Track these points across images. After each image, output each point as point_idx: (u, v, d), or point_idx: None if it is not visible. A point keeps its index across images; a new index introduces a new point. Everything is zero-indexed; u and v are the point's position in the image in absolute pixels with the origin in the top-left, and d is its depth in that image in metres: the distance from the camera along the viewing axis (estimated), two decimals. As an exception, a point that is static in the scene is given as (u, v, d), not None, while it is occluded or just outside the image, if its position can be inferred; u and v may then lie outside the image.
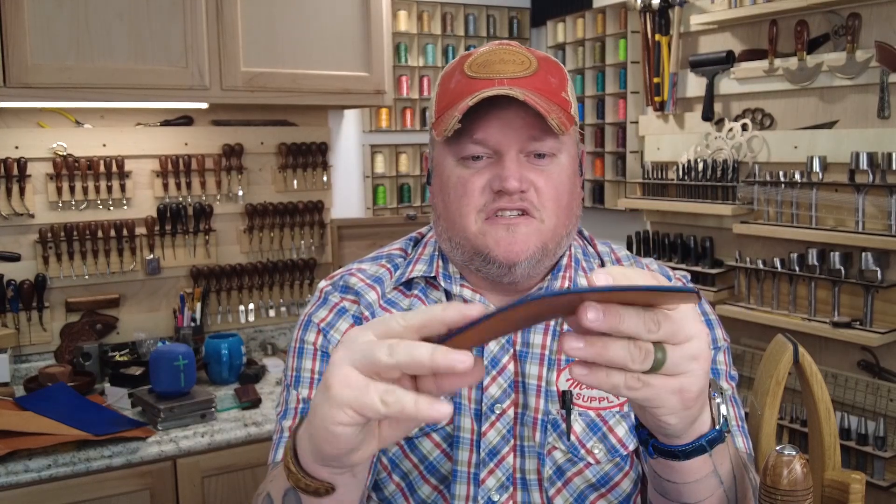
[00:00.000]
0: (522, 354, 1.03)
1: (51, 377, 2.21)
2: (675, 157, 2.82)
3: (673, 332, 0.62)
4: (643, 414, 0.70)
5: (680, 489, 0.78)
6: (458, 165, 0.99)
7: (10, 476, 1.82)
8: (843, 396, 2.32)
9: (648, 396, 0.64)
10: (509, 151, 0.96)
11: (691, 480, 0.77)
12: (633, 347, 0.61)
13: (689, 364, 0.64)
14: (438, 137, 0.98)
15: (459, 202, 0.99)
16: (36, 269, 2.45)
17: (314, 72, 2.48)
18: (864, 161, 2.21)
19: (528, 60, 0.99)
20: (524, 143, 0.96)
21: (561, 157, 0.99)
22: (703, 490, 0.78)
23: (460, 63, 1.01)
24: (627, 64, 3.00)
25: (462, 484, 1.01)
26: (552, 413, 1.01)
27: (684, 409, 0.66)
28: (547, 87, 0.98)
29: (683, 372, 0.64)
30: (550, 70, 1.00)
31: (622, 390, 0.63)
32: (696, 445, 0.73)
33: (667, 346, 0.63)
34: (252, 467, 2.10)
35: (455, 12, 3.24)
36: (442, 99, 1.01)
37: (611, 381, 0.62)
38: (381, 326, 0.64)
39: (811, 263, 2.37)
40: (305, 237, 2.87)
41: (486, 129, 0.96)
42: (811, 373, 1.33)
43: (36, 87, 2.10)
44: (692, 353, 0.64)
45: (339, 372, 0.63)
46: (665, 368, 0.63)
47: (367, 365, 0.62)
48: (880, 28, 2.23)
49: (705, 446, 0.73)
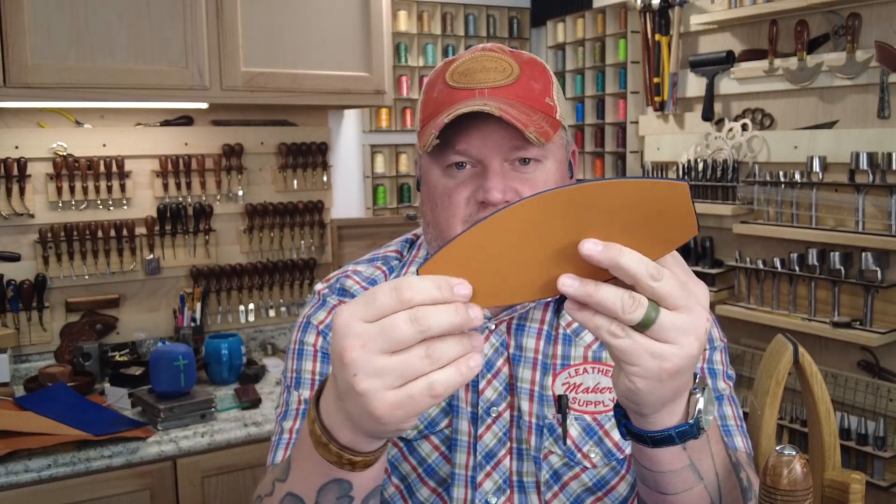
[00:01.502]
0: (515, 358, 1.03)
1: (51, 377, 2.21)
2: (675, 157, 2.82)
3: (674, 292, 0.62)
4: (618, 377, 0.69)
5: (656, 478, 0.78)
6: (444, 175, 0.99)
7: (10, 476, 1.82)
8: (843, 396, 2.32)
9: (626, 349, 0.63)
10: (492, 162, 0.96)
11: (666, 470, 0.77)
12: (626, 296, 0.61)
13: (680, 337, 0.64)
14: (420, 151, 0.98)
15: (446, 212, 0.99)
16: (36, 269, 2.45)
17: (314, 72, 2.48)
18: (864, 161, 2.21)
19: (511, 67, 0.98)
20: (507, 152, 0.96)
21: (546, 162, 0.99)
22: (679, 482, 0.78)
23: (443, 70, 1.01)
24: (627, 64, 3.00)
25: (460, 487, 1.02)
26: (548, 417, 1.01)
27: (657, 380, 0.65)
28: (528, 95, 0.97)
29: (671, 341, 0.64)
30: (534, 75, 0.99)
31: (603, 333, 0.63)
32: (664, 434, 0.72)
33: (662, 309, 0.63)
34: (252, 467, 2.10)
35: (455, 12, 3.24)
36: (425, 108, 1.02)
37: (595, 321, 0.63)
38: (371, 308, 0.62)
39: (811, 263, 2.37)
40: (305, 237, 2.87)
41: (467, 141, 0.96)
42: (811, 373, 1.33)
43: (36, 87, 2.10)
44: (687, 326, 0.63)
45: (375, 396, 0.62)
46: (653, 329, 0.63)
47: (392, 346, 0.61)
48: (880, 28, 2.23)
49: (674, 437, 0.72)
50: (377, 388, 0.61)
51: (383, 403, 0.61)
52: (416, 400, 0.61)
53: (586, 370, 1.02)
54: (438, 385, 0.61)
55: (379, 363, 0.61)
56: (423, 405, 0.62)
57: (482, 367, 1.02)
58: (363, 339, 0.61)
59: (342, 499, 0.75)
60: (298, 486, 0.78)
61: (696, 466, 0.78)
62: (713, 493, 0.81)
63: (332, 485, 0.74)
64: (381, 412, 0.62)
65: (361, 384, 0.61)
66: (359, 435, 0.69)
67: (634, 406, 0.70)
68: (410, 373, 0.61)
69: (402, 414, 0.62)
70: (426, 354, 0.61)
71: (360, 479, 0.73)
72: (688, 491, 0.79)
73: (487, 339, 1.03)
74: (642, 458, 0.77)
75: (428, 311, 0.60)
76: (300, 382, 1.06)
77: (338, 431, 0.70)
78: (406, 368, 0.61)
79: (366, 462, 0.71)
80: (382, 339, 0.61)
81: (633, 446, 0.77)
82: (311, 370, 1.07)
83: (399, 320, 0.60)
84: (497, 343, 1.03)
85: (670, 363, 0.64)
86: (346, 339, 0.62)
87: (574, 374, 1.02)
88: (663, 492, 0.80)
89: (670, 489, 0.79)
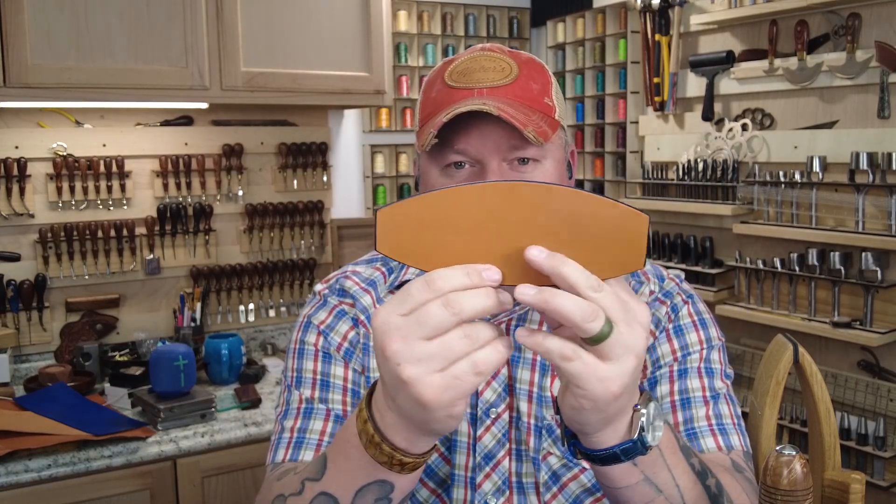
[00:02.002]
0: (514, 359, 1.03)
1: (51, 377, 2.21)
2: (675, 157, 2.82)
3: (614, 306, 0.64)
4: (564, 397, 0.69)
5: (614, 493, 0.79)
6: (442, 175, 0.99)
7: (10, 476, 1.82)
8: (843, 396, 2.32)
9: (576, 373, 0.64)
10: (491, 162, 0.95)
11: (620, 486, 0.77)
12: (585, 304, 0.62)
13: (626, 355, 0.65)
14: (419, 150, 0.98)
15: None
16: (36, 269, 2.45)
17: (314, 72, 2.48)
18: (864, 161, 2.21)
19: (509, 67, 0.98)
20: (505, 151, 0.96)
21: (545, 162, 0.98)
22: (636, 496, 0.78)
23: (442, 70, 1.01)
24: (627, 64, 3.00)
25: (459, 488, 1.02)
26: (546, 418, 1.01)
27: (604, 402, 0.66)
28: (527, 94, 0.97)
29: (616, 358, 0.64)
30: (532, 75, 0.99)
31: (554, 357, 0.64)
32: (609, 453, 0.73)
33: (614, 323, 0.64)
34: (252, 467, 2.10)
35: (455, 12, 3.24)
36: (424, 108, 1.01)
37: (546, 344, 0.64)
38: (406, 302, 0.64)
39: (811, 263, 2.37)
40: (305, 237, 2.87)
41: (466, 140, 0.95)
42: (811, 373, 1.33)
43: (36, 87, 2.10)
44: (627, 343, 0.64)
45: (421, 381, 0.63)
46: (605, 345, 0.64)
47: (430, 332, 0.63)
48: (880, 28, 2.23)
49: (619, 455, 0.72)
50: (422, 374, 0.63)
51: (430, 388, 0.63)
52: (462, 380, 0.63)
53: None
54: (481, 363, 0.63)
55: (420, 349, 0.63)
56: (468, 385, 0.63)
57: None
58: (402, 331, 0.63)
59: (381, 501, 0.76)
60: (334, 486, 0.78)
61: (651, 480, 0.78)
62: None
63: (373, 486, 0.75)
64: (429, 396, 0.63)
65: (406, 371, 0.63)
66: (412, 433, 0.70)
67: (578, 426, 0.71)
68: (452, 354, 0.63)
69: (449, 397, 0.63)
70: (465, 335, 0.63)
71: (402, 482, 0.75)
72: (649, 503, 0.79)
73: None
74: (597, 474, 0.78)
75: (460, 296, 0.62)
76: (301, 382, 1.06)
77: (391, 432, 0.71)
78: (447, 351, 0.63)
79: (415, 464, 0.73)
80: (420, 326, 0.63)
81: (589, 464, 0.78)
82: (311, 369, 1.07)
83: (433, 307, 0.62)
84: None
85: (615, 385, 0.65)
86: (385, 335, 0.64)
87: None
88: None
89: (631, 503, 0.79)
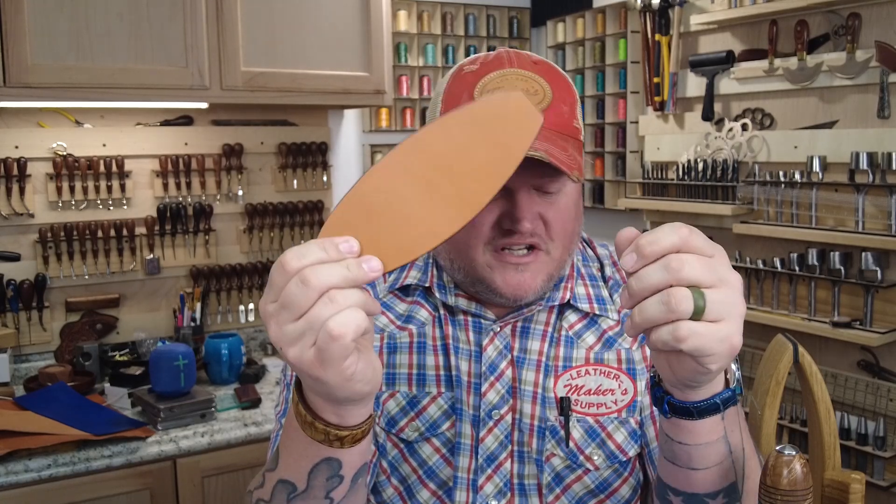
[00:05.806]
0: (520, 360, 1.03)
1: (51, 377, 2.21)
2: (675, 157, 2.82)
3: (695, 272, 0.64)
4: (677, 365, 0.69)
5: (690, 452, 0.79)
6: None
7: (10, 476, 1.82)
8: (842, 396, 2.32)
9: (697, 346, 0.64)
10: (520, 189, 0.93)
11: (702, 443, 0.78)
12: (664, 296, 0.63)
13: (731, 308, 0.65)
14: None
15: (467, 234, 0.95)
16: (36, 269, 2.45)
17: (314, 72, 2.48)
18: (864, 161, 2.21)
19: (542, 90, 0.94)
20: (535, 179, 0.93)
21: (568, 185, 0.97)
22: (712, 455, 0.79)
23: (468, 86, 0.94)
24: (627, 64, 3.00)
25: (461, 490, 1.01)
26: (550, 420, 1.01)
27: (728, 357, 0.67)
28: (560, 120, 0.93)
29: (726, 315, 0.65)
30: (563, 96, 0.95)
31: (672, 344, 0.64)
32: (710, 403, 0.73)
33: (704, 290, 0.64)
34: (252, 467, 2.10)
35: (455, 12, 3.24)
36: None
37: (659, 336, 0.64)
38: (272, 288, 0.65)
39: (811, 263, 2.37)
40: (305, 237, 2.87)
41: None
42: (811, 373, 1.33)
43: (36, 87, 2.10)
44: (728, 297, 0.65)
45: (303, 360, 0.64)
46: (708, 312, 0.64)
47: (296, 311, 0.63)
48: (880, 28, 2.23)
49: (718, 404, 0.73)
50: (300, 353, 0.64)
51: (310, 363, 0.64)
52: (326, 349, 0.63)
53: (588, 372, 1.02)
54: (335, 326, 0.62)
55: (290, 329, 0.64)
56: (337, 351, 0.63)
57: (485, 370, 1.02)
58: (275, 317, 0.64)
59: (333, 479, 0.77)
60: (289, 471, 0.80)
61: (727, 438, 0.79)
62: (738, 470, 0.82)
63: (322, 465, 0.76)
64: (315, 372, 0.64)
65: (288, 354, 0.65)
66: (334, 406, 0.71)
67: (695, 384, 0.71)
68: (318, 323, 0.63)
69: (336, 367, 0.64)
70: (329, 299, 0.63)
71: (349, 457, 0.76)
72: (717, 465, 0.80)
73: (492, 342, 1.03)
74: (679, 433, 0.78)
75: (315, 269, 0.63)
76: (299, 380, 1.06)
77: (320, 410, 0.73)
78: (313, 322, 0.63)
79: (353, 437, 0.73)
80: (284, 309, 0.64)
81: (668, 423, 0.78)
82: None
83: (292, 286, 0.63)
84: (501, 346, 1.03)
85: (736, 338, 0.66)
86: (266, 324, 0.66)
87: (576, 376, 1.02)
88: (694, 467, 0.80)
89: (702, 463, 0.79)
